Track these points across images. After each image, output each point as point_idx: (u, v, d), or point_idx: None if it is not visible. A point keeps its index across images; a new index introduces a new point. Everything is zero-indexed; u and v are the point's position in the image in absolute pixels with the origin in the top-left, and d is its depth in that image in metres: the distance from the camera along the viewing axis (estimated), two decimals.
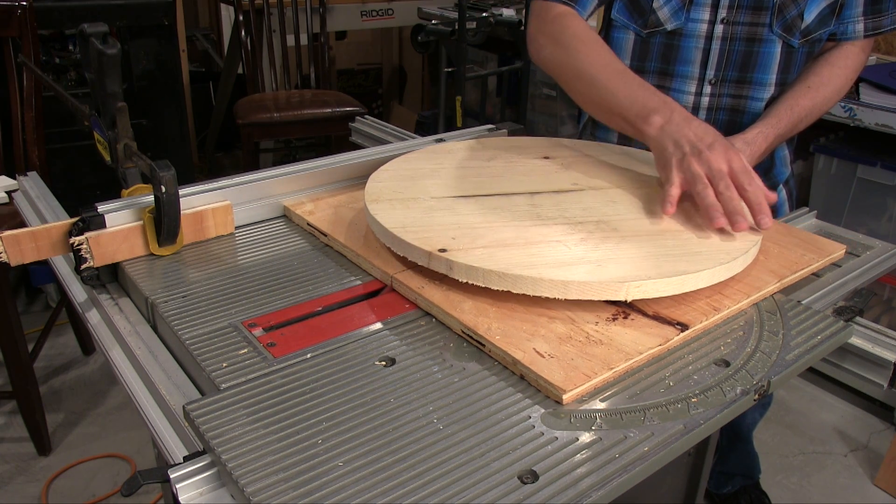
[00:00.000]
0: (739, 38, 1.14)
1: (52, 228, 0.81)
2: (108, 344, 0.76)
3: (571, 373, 0.64)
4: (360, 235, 0.89)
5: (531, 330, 0.70)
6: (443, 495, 0.52)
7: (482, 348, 0.69)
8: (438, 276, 0.78)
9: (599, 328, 0.71)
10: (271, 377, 0.64)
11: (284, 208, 0.98)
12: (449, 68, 2.88)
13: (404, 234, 0.79)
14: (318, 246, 0.91)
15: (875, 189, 2.02)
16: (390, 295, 0.79)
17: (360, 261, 0.84)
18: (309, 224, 0.93)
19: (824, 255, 0.86)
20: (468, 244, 0.78)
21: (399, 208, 0.86)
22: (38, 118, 1.89)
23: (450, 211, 0.86)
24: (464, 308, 0.73)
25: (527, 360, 0.65)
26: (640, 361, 0.67)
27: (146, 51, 2.47)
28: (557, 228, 0.82)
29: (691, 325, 0.72)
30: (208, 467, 0.55)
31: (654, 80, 1.21)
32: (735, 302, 0.76)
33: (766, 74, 1.16)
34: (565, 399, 0.62)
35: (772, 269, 0.82)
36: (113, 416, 2.05)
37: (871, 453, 1.98)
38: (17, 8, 1.80)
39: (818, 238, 0.91)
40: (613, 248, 0.78)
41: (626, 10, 1.19)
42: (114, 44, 0.86)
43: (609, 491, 0.53)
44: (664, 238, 0.81)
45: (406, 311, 0.76)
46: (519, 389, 0.64)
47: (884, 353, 0.80)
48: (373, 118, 1.40)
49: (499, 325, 0.70)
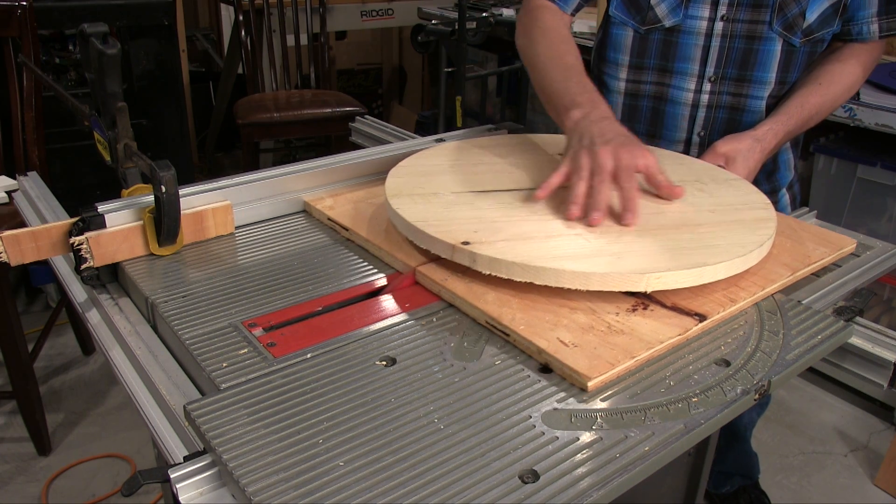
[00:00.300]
0: (739, 36, 1.14)
1: (52, 228, 0.81)
2: (108, 344, 0.76)
3: (595, 361, 0.65)
4: (381, 230, 0.91)
5: (554, 320, 0.72)
6: (443, 495, 0.52)
7: (507, 338, 0.70)
8: (461, 268, 0.79)
9: (620, 318, 0.73)
10: (271, 377, 0.64)
11: (305, 203, 1.01)
12: (449, 68, 2.88)
13: (427, 227, 0.81)
14: (318, 245, 0.91)
15: (875, 189, 2.02)
16: (409, 288, 0.80)
17: (383, 254, 0.86)
18: (330, 219, 0.95)
19: (836, 248, 0.88)
20: (490, 237, 0.79)
21: (420, 203, 0.88)
22: (38, 118, 1.89)
23: (469, 205, 0.88)
24: (487, 299, 0.75)
25: (551, 349, 0.67)
26: (661, 350, 0.69)
27: (146, 51, 2.47)
28: (576, 222, 0.84)
29: (709, 315, 0.74)
30: (208, 467, 0.55)
31: (654, 77, 1.21)
32: (751, 294, 0.78)
33: (765, 73, 1.15)
34: (590, 386, 0.63)
35: (785, 263, 0.84)
36: (113, 416, 2.05)
37: (871, 453, 1.98)
38: (17, 8, 1.80)
39: (829, 232, 0.92)
40: (632, 241, 0.80)
41: (624, 6, 1.19)
42: (114, 44, 0.86)
43: (609, 490, 0.53)
44: (680, 232, 0.83)
45: (428, 303, 0.77)
46: (520, 389, 0.64)
47: (884, 353, 0.80)
48: (373, 118, 1.40)
49: (522, 315, 0.72)
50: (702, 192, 0.93)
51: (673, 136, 1.23)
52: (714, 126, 1.20)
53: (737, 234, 0.82)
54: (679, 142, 1.23)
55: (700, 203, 0.90)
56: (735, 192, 0.94)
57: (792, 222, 0.95)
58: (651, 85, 1.22)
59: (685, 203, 0.90)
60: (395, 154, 1.10)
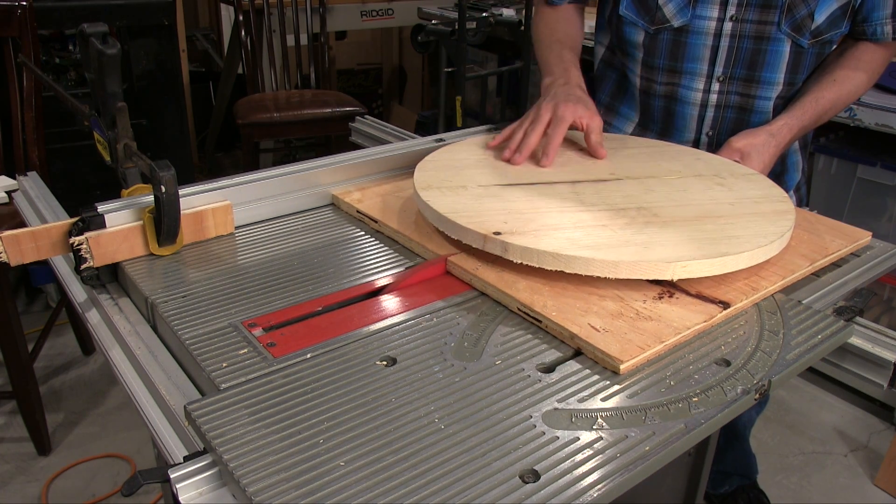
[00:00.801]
0: (748, 36, 1.14)
1: (52, 228, 0.81)
2: (108, 344, 0.76)
3: (626, 345, 0.68)
4: (410, 221, 0.93)
5: (584, 307, 0.74)
6: (444, 495, 0.52)
7: (539, 324, 0.73)
8: (491, 258, 0.82)
9: (647, 306, 0.75)
10: (271, 377, 0.64)
11: (333, 197, 1.03)
12: (449, 68, 2.88)
13: (458, 218, 0.84)
14: (318, 245, 0.91)
15: (875, 189, 2.02)
16: (441, 278, 0.82)
17: (413, 245, 0.88)
18: (359, 212, 0.97)
19: (852, 240, 0.91)
20: (520, 227, 0.82)
21: (449, 195, 0.90)
22: (38, 118, 1.89)
23: (497, 198, 0.90)
24: (518, 287, 0.77)
25: (583, 333, 0.69)
26: (688, 336, 0.72)
27: (146, 51, 2.47)
28: (601, 214, 0.86)
29: (732, 303, 0.76)
30: (208, 467, 0.55)
31: (664, 77, 1.21)
32: (772, 283, 0.80)
33: (774, 73, 1.16)
34: (622, 369, 0.66)
35: (803, 254, 0.87)
36: (113, 416, 2.05)
37: (871, 453, 1.98)
38: (17, 8, 1.80)
39: (845, 225, 0.95)
40: (657, 232, 0.83)
41: (634, 6, 1.20)
42: (114, 44, 0.86)
43: (610, 490, 0.53)
44: (703, 223, 0.85)
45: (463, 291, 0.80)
46: (520, 389, 0.64)
47: (884, 353, 0.80)
48: (373, 118, 1.40)
49: (553, 302, 0.75)
50: (721, 187, 0.96)
51: (682, 135, 1.24)
52: (722, 126, 1.21)
53: (758, 226, 0.85)
54: (688, 141, 1.24)
55: (720, 197, 0.93)
56: (753, 186, 0.97)
57: (808, 215, 0.98)
58: (662, 85, 1.23)
59: (705, 196, 0.93)
60: (394, 154, 1.10)
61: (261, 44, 2.96)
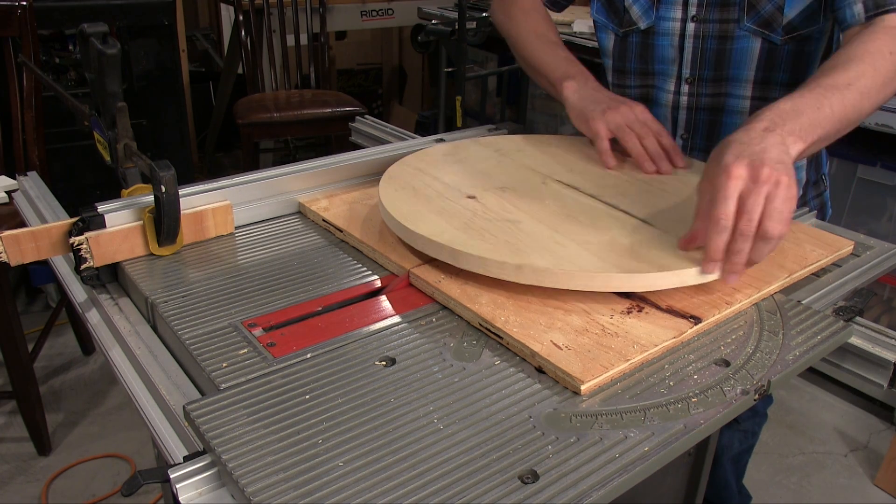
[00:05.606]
0: (712, 36, 1.12)
1: (52, 228, 0.81)
2: (108, 344, 0.76)
3: (589, 364, 0.65)
4: (375, 231, 0.90)
5: (548, 322, 0.71)
6: (443, 495, 0.52)
7: (500, 340, 0.70)
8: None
9: (614, 321, 0.72)
10: (271, 377, 0.64)
11: (299, 205, 1.00)
12: (449, 68, 2.88)
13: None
14: (318, 245, 0.91)
15: (875, 189, 2.02)
16: (404, 290, 0.80)
17: (377, 255, 0.86)
18: (324, 220, 0.94)
19: (833, 250, 0.87)
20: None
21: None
22: (38, 118, 1.89)
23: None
24: (481, 301, 0.74)
25: (544, 352, 0.66)
26: (655, 354, 0.68)
27: (146, 51, 2.47)
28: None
29: (704, 318, 0.73)
30: (208, 467, 0.55)
31: (637, 80, 1.21)
32: (746, 296, 0.77)
33: (742, 71, 1.13)
34: (583, 389, 0.63)
35: (781, 264, 0.83)
36: (113, 416, 2.05)
37: (871, 453, 1.98)
38: (17, 8, 1.80)
39: (826, 234, 0.91)
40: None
41: (604, 9, 1.20)
42: (114, 44, 0.86)
43: (609, 491, 0.53)
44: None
45: (423, 306, 0.77)
46: (519, 389, 0.64)
47: (884, 353, 0.80)
48: (373, 118, 1.40)
49: (516, 317, 0.72)
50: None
51: None
52: (696, 128, 1.19)
53: None
54: None
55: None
56: None
57: (792, 224, 0.93)
58: (635, 88, 1.22)
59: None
60: (393, 154, 1.10)
61: (261, 44, 2.96)
